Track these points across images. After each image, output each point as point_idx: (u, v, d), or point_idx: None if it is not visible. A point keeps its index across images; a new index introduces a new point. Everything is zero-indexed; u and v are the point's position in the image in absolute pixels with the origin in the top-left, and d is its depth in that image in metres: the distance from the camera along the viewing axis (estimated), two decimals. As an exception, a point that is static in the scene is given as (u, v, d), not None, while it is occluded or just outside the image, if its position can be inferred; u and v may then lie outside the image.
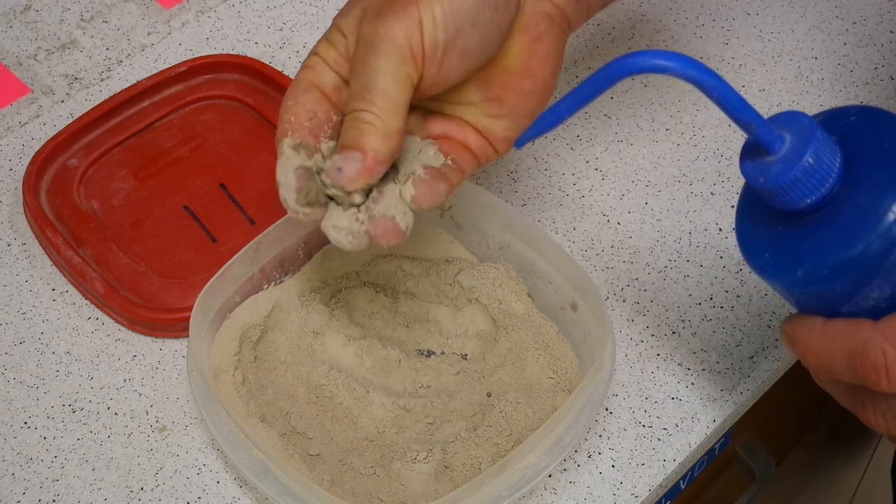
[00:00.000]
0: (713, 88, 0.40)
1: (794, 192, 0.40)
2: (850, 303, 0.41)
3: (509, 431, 0.53)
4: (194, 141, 0.66)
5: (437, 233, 0.60)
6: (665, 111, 0.68)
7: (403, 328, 0.58)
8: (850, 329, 0.41)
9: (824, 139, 0.40)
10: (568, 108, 0.43)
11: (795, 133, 0.41)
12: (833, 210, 0.41)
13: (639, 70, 0.40)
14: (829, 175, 0.40)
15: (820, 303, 0.42)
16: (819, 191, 0.40)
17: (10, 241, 0.63)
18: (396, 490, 0.52)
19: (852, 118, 0.42)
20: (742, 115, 0.40)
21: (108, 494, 0.54)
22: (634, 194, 0.65)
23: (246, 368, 0.55)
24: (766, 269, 0.43)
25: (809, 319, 0.43)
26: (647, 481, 0.54)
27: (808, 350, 0.43)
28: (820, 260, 0.40)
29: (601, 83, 0.41)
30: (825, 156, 0.40)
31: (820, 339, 0.42)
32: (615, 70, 0.41)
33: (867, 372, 0.40)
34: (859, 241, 0.39)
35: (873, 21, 0.73)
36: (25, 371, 0.58)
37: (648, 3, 0.74)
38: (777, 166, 0.40)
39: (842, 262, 0.40)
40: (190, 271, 0.60)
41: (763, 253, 0.43)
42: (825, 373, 0.43)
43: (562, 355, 0.56)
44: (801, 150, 0.40)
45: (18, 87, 0.70)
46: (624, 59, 0.40)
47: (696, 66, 0.40)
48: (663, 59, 0.40)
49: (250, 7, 0.75)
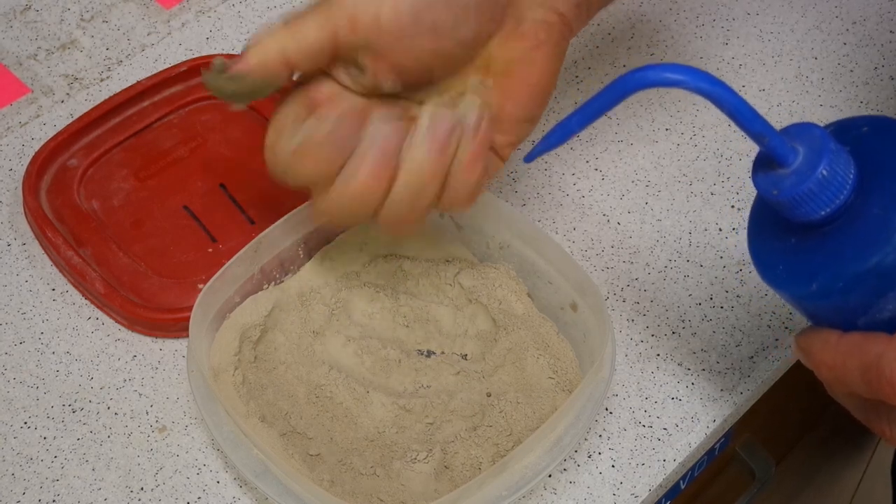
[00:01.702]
0: (726, 101, 0.40)
1: (808, 205, 0.40)
2: (866, 315, 0.41)
3: (509, 431, 0.53)
4: (194, 141, 0.66)
5: (437, 233, 0.60)
6: (665, 111, 0.68)
7: (403, 328, 0.58)
8: (865, 343, 0.41)
9: (838, 150, 0.40)
10: (578, 123, 0.43)
11: (808, 145, 0.40)
12: (847, 222, 0.40)
13: (650, 84, 0.40)
14: (843, 187, 0.40)
15: (835, 315, 0.42)
16: (833, 203, 0.40)
17: (10, 241, 0.63)
18: (396, 490, 0.52)
19: (864, 129, 0.42)
20: (755, 127, 0.40)
21: (108, 494, 0.54)
22: (634, 194, 0.65)
23: (246, 368, 0.55)
24: (780, 282, 0.42)
25: (824, 333, 0.42)
26: (647, 481, 0.54)
27: (822, 363, 0.42)
28: (835, 273, 0.40)
29: (612, 98, 0.41)
30: (839, 167, 0.40)
31: (835, 353, 0.42)
32: (626, 84, 0.40)
33: (882, 386, 0.40)
34: (874, 253, 0.39)
35: (873, 21, 0.73)
36: (25, 371, 0.58)
37: (648, 3, 0.74)
38: (790, 179, 0.40)
39: (857, 275, 0.39)
40: (190, 271, 0.60)
41: (777, 266, 0.43)
42: (840, 386, 0.43)
43: (562, 355, 0.56)
44: (814, 162, 0.40)
45: (18, 87, 0.70)
46: (635, 73, 0.40)
47: (708, 79, 0.39)
48: (675, 73, 0.40)
49: (250, 7, 0.75)
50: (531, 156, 0.47)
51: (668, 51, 0.72)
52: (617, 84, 0.41)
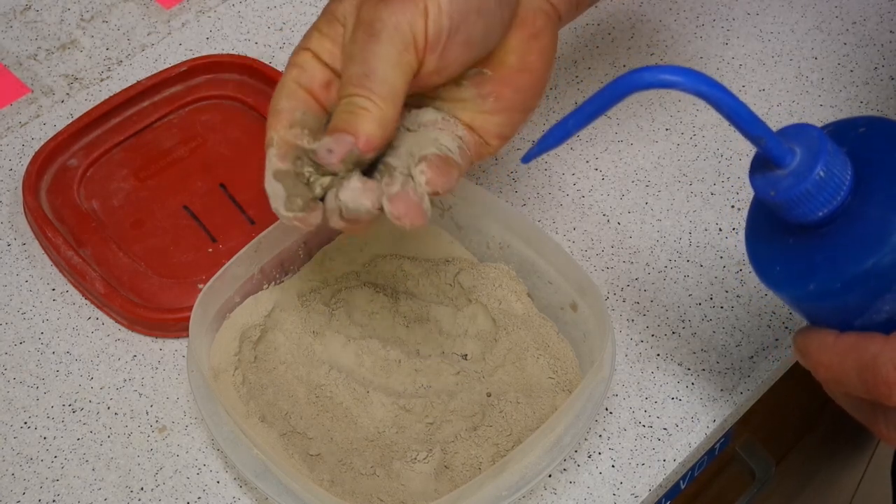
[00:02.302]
0: (723, 103, 0.40)
1: (806, 206, 0.40)
2: (863, 316, 0.41)
3: (509, 431, 0.53)
4: (194, 141, 0.66)
5: (437, 233, 0.60)
6: (665, 111, 0.68)
7: (403, 328, 0.58)
8: (862, 343, 0.41)
9: (834, 152, 0.40)
10: (576, 124, 0.43)
11: (805, 146, 0.40)
12: (844, 223, 0.40)
13: (647, 86, 0.40)
14: (840, 188, 0.40)
15: (832, 316, 0.42)
16: (830, 204, 0.40)
17: (10, 241, 0.63)
18: (396, 490, 0.52)
19: (861, 129, 0.42)
20: (752, 129, 0.40)
21: (108, 494, 0.54)
22: (634, 194, 0.65)
23: (246, 368, 0.55)
24: (778, 283, 0.43)
25: (821, 333, 0.42)
26: (647, 481, 0.54)
27: (819, 363, 0.42)
28: (832, 273, 0.40)
29: (609, 99, 0.41)
30: (836, 168, 0.40)
31: (832, 353, 0.42)
32: (623, 86, 0.40)
33: (878, 386, 0.40)
34: (871, 254, 0.39)
35: (873, 21, 0.73)
36: (25, 371, 0.58)
37: (648, 3, 0.74)
38: (788, 180, 0.40)
39: (854, 276, 0.40)
40: (190, 271, 0.60)
41: (774, 266, 0.43)
42: (837, 386, 0.43)
43: (562, 355, 0.56)
44: (811, 164, 0.40)
45: (18, 87, 0.70)
46: (632, 74, 0.40)
47: (705, 81, 0.39)
48: (671, 75, 0.39)
49: (250, 7, 0.75)
50: (529, 156, 0.46)
51: (668, 51, 0.72)
52: (614, 85, 0.41)
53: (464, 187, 0.58)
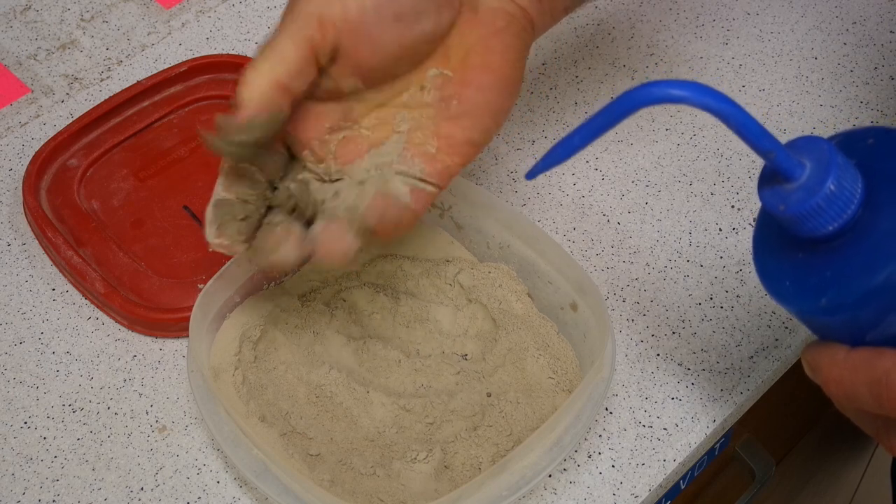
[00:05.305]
0: (732, 117, 0.39)
1: (816, 220, 0.40)
2: (874, 330, 0.40)
3: (509, 431, 0.53)
4: (194, 141, 0.66)
5: (437, 233, 0.60)
6: (665, 111, 0.68)
7: (403, 328, 0.58)
8: (874, 358, 0.40)
9: (845, 165, 0.39)
10: (582, 140, 0.42)
11: (815, 159, 0.40)
12: (855, 237, 0.40)
13: (655, 101, 0.40)
14: (850, 201, 0.39)
15: (843, 330, 0.41)
16: (841, 217, 0.39)
17: (10, 241, 0.63)
18: (396, 490, 0.52)
19: (870, 141, 0.41)
20: (761, 143, 0.39)
21: (108, 494, 0.54)
22: (634, 194, 0.65)
23: (246, 368, 0.55)
24: (787, 298, 0.42)
25: (832, 348, 0.42)
26: (647, 481, 0.54)
27: (830, 379, 0.42)
28: (843, 288, 0.39)
29: (616, 114, 0.41)
30: (846, 182, 0.39)
31: (843, 369, 0.41)
32: (630, 101, 0.40)
33: (890, 402, 0.40)
34: (884, 267, 0.38)
35: (873, 21, 0.73)
36: (25, 371, 0.58)
37: (648, 3, 0.74)
38: (798, 194, 0.40)
39: (867, 290, 0.39)
40: (190, 271, 0.60)
41: (783, 281, 0.42)
42: (849, 402, 0.42)
43: (562, 355, 0.56)
44: (821, 177, 0.39)
45: (18, 87, 0.70)
46: (639, 89, 0.40)
47: (713, 95, 0.39)
48: (679, 90, 0.39)
49: (250, 7, 0.75)
50: (533, 172, 0.46)
51: (668, 51, 0.72)
52: (621, 101, 0.40)
53: (464, 187, 0.58)
